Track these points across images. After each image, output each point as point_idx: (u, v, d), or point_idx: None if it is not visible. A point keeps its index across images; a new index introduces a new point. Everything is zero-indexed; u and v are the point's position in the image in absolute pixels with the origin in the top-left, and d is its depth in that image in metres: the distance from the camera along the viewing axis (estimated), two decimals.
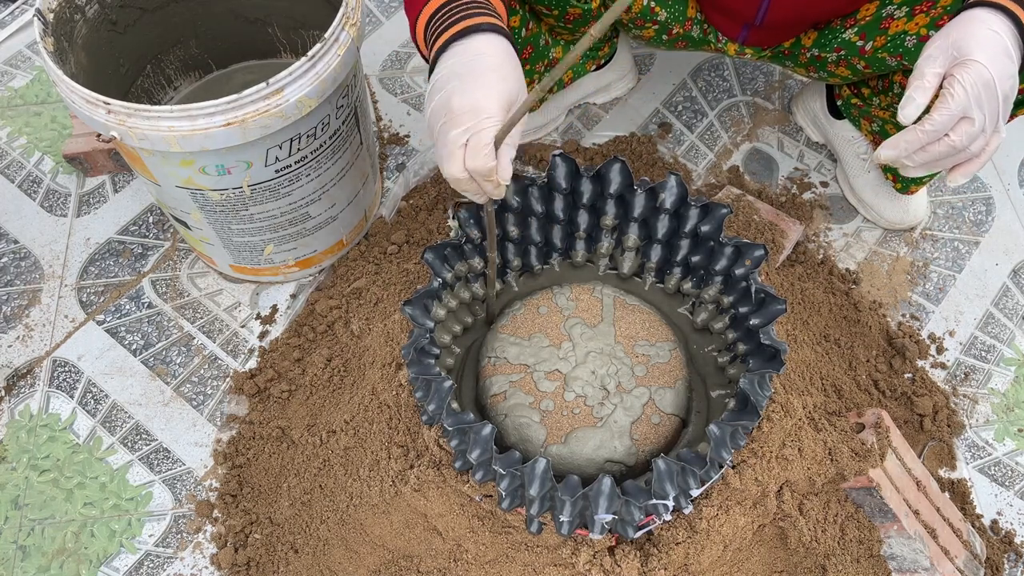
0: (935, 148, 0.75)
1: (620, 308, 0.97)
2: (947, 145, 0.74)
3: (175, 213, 1.10)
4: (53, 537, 1.08)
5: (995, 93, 0.71)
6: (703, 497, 0.90)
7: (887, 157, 0.78)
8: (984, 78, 0.71)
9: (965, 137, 0.73)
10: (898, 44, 1.01)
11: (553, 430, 0.88)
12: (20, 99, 1.48)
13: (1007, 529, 1.09)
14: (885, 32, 1.02)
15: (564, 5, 1.03)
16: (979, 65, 0.71)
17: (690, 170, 1.40)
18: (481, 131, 0.70)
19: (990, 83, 0.71)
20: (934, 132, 0.73)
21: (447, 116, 0.71)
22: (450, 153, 0.71)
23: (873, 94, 1.19)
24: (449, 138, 0.71)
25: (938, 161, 0.76)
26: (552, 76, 0.64)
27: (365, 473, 0.99)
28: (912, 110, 0.74)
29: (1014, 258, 1.32)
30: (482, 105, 0.70)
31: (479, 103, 0.70)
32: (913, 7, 0.98)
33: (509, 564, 0.93)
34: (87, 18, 1.05)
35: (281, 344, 1.21)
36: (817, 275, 1.26)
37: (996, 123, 0.73)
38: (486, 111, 0.70)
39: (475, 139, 0.70)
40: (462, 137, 0.70)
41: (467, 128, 0.70)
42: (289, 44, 1.28)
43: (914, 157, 0.76)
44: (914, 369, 1.19)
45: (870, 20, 1.03)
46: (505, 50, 0.74)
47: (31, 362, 1.22)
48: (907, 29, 0.99)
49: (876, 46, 1.03)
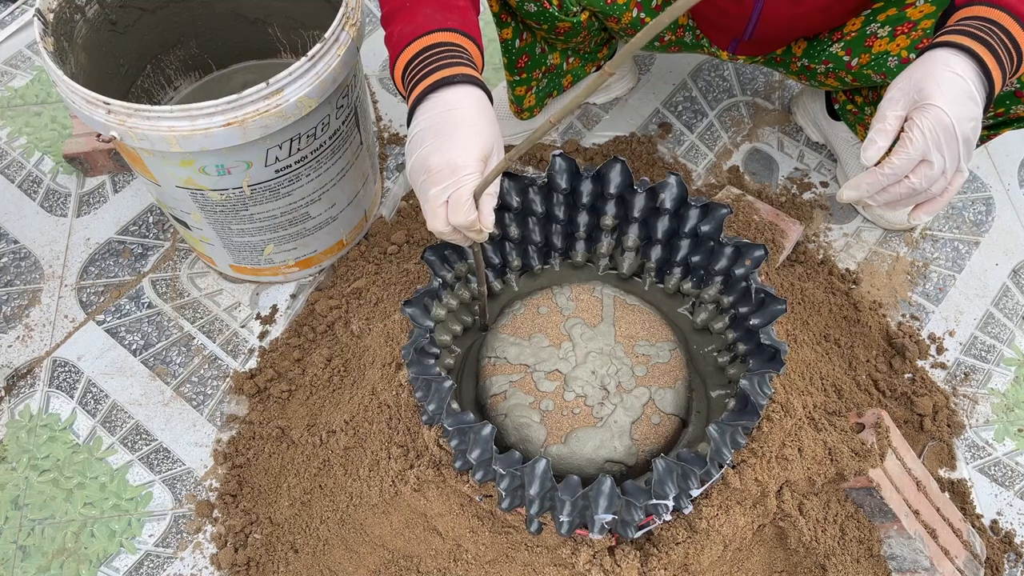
0: (895, 189, 0.76)
1: (620, 308, 0.97)
2: (907, 187, 0.76)
3: (175, 213, 1.10)
4: (53, 537, 1.08)
5: (954, 136, 0.72)
6: (703, 497, 0.90)
7: (849, 197, 0.79)
8: (943, 123, 0.72)
9: (924, 180, 0.75)
10: (881, 63, 1.02)
11: (553, 430, 0.88)
12: (20, 99, 1.48)
13: (1007, 529, 1.09)
14: (869, 50, 1.03)
15: (552, 20, 1.04)
16: (938, 110, 0.72)
17: (690, 170, 1.40)
18: (460, 188, 0.72)
19: (949, 127, 0.72)
20: (893, 175, 0.75)
21: (426, 174, 0.74)
22: (432, 211, 0.74)
23: (866, 103, 1.19)
24: (430, 196, 0.74)
25: (900, 201, 0.78)
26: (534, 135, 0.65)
27: (365, 473, 0.99)
28: (873, 152, 0.75)
29: (1014, 258, 1.32)
30: (459, 162, 0.72)
31: (455, 160, 0.72)
32: (895, 27, 0.99)
33: (509, 564, 0.93)
34: (87, 18, 1.05)
35: (281, 344, 1.21)
36: (817, 275, 1.26)
37: (957, 164, 0.75)
38: (463, 168, 0.72)
39: (455, 196, 0.73)
40: (443, 195, 0.73)
41: (446, 186, 0.73)
42: (289, 44, 1.28)
43: (876, 197, 0.78)
44: (914, 369, 1.19)
45: (855, 36, 1.04)
46: (478, 102, 0.76)
47: (31, 362, 1.22)
48: (889, 50, 1.00)
49: (861, 63, 1.04)
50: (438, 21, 0.79)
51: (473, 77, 0.76)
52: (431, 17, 0.80)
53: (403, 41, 0.79)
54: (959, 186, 0.77)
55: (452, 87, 0.75)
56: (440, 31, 0.78)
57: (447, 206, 0.74)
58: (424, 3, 0.80)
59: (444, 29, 0.79)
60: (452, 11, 0.81)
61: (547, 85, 1.27)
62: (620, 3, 1.04)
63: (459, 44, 0.79)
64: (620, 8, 1.05)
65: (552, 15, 1.03)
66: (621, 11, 1.05)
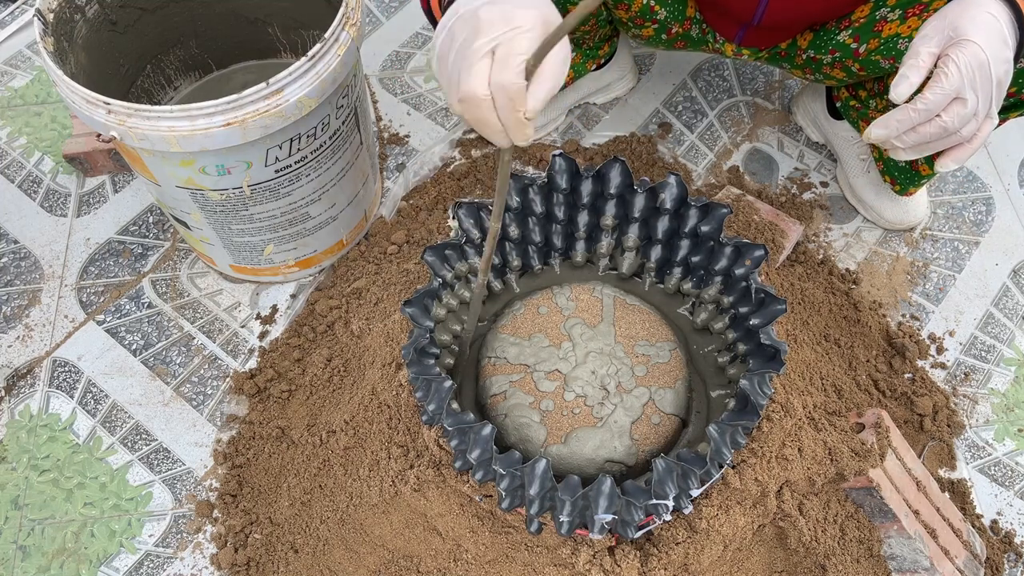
0: (926, 129, 0.73)
1: (620, 308, 0.97)
2: (938, 126, 0.73)
3: (175, 213, 1.10)
4: (53, 537, 1.08)
5: (989, 75, 0.70)
6: (703, 497, 0.90)
7: (877, 136, 0.76)
8: (979, 59, 0.70)
9: (957, 119, 0.72)
10: (891, 47, 1.01)
11: (553, 430, 0.88)
12: (20, 99, 1.48)
13: (1007, 529, 1.09)
14: (878, 35, 1.02)
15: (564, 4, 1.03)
16: (975, 46, 0.69)
17: (690, 170, 1.40)
18: (513, 40, 0.57)
19: (985, 65, 0.70)
20: (926, 111, 0.72)
21: (472, 26, 0.59)
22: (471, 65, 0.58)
23: (870, 96, 1.19)
24: (473, 48, 0.58)
25: (929, 143, 0.75)
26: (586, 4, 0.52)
27: (365, 473, 0.99)
28: (905, 88, 0.72)
29: (1014, 258, 1.32)
30: (516, 15, 0.58)
31: (512, 13, 0.58)
32: (906, 10, 0.98)
33: (509, 564, 0.93)
34: (87, 18, 1.05)
35: (281, 344, 1.21)
36: (817, 275, 1.26)
37: (989, 107, 0.72)
38: (524, 22, 0.58)
39: (504, 49, 0.57)
40: (488, 45, 0.58)
41: (495, 37, 0.58)
42: (289, 44, 1.28)
43: (904, 138, 0.75)
44: (914, 369, 1.19)
45: (864, 22, 1.03)
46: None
47: (31, 362, 1.22)
48: (900, 32, 0.99)
49: (870, 48, 1.03)
50: None
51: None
52: None
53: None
54: (988, 133, 0.74)
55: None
56: None
57: (492, 58, 0.58)
58: None
59: None
60: None
61: None
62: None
63: None
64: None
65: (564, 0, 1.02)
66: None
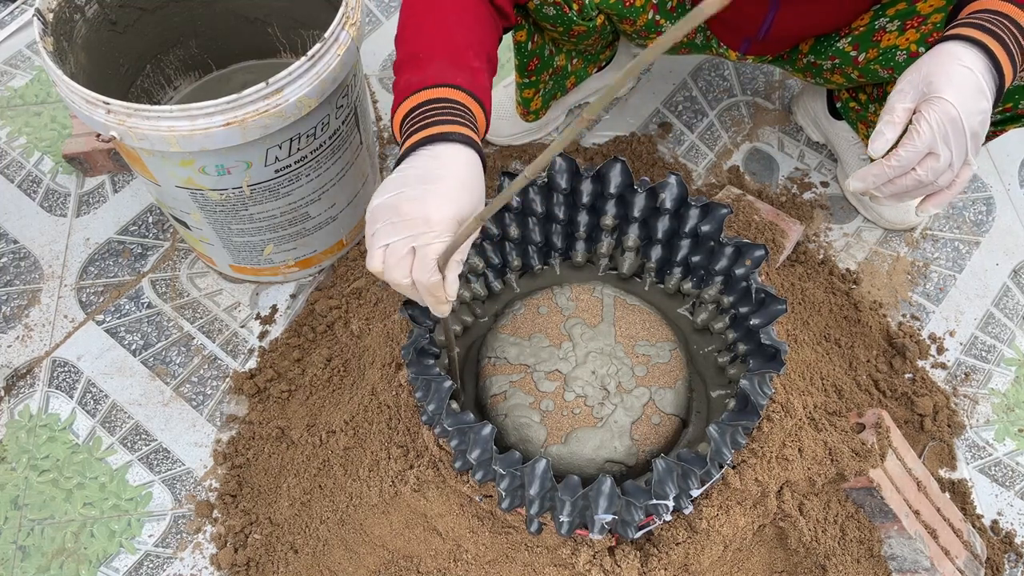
0: (902, 181, 0.76)
1: (620, 308, 0.97)
2: (913, 179, 0.76)
3: (175, 213, 1.10)
4: (53, 537, 1.08)
5: (962, 129, 0.72)
6: (703, 497, 0.90)
7: (855, 188, 0.80)
8: (951, 115, 0.72)
9: (931, 172, 0.75)
10: (889, 58, 1.01)
11: (553, 430, 0.88)
12: (20, 99, 1.48)
13: (1007, 529, 1.09)
14: (877, 45, 1.02)
15: (569, 24, 1.03)
16: (946, 103, 0.72)
17: (690, 170, 1.39)
18: (429, 245, 0.67)
19: (956, 120, 0.72)
20: (900, 167, 0.75)
21: (394, 218, 0.68)
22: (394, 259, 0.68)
23: (870, 101, 1.19)
24: (394, 243, 0.68)
25: (906, 193, 0.78)
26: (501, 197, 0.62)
27: (365, 473, 0.99)
28: (881, 144, 0.75)
29: (1014, 258, 1.32)
30: (433, 217, 0.67)
31: (430, 214, 0.67)
32: (904, 21, 0.98)
33: (509, 564, 0.93)
34: (87, 18, 1.05)
35: (281, 344, 1.21)
36: (817, 275, 1.25)
37: (964, 156, 0.75)
38: (437, 224, 0.67)
39: (422, 252, 0.67)
40: (408, 244, 0.67)
41: (414, 235, 0.67)
42: (289, 44, 1.28)
43: (882, 189, 0.78)
44: (914, 369, 1.19)
45: (863, 31, 1.03)
46: (469, 162, 0.71)
47: (31, 362, 1.21)
48: (898, 44, 1.00)
49: (868, 58, 1.04)
50: (447, 77, 0.77)
51: (470, 138, 0.73)
52: (441, 72, 0.77)
53: (408, 90, 0.77)
54: (967, 179, 0.77)
55: (447, 143, 0.71)
56: (447, 87, 0.76)
57: (412, 257, 0.68)
58: (438, 57, 0.78)
59: (451, 86, 0.76)
60: (464, 70, 0.78)
61: (552, 87, 1.27)
62: (637, 6, 1.04)
63: (463, 103, 0.76)
64: (636, 11, 1.05)
65: (570, 19, 1.02)
66: (637, 14, 1.05)
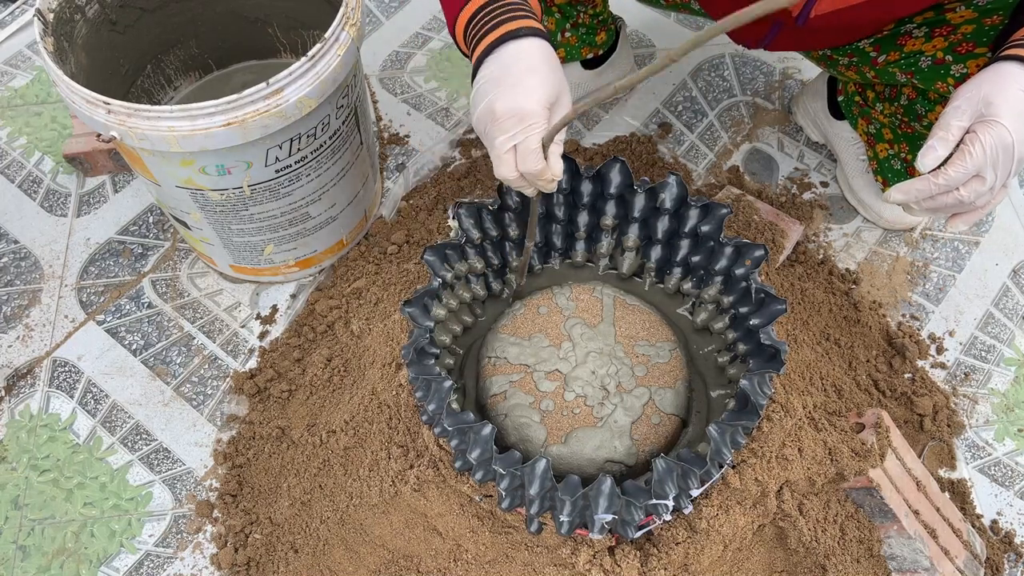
0: (943, 199, 0.77)
1: (620, 308, 0.97)
2: (955, 198, 0.76)
3: (175, 213, 1.10)
4: (53, 537, 1.08)
5: (1012, 156, 0.73)
6: (703, 497, 0.90)
7: (896, 200, 0.80)
8: (1005, 142, 0.72)
9: (974, 194, 0.75)
10: (912, 62, 1.00)
11: (553, 430, 0.88)
12: (20, 99, 1.48)
13: (1007, 529, 1.09)
14: (900, 48, 1.01)
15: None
16: (1003, 128, 0.72)
17: (690, 170, 1.40)
18: (528, 137, 0.72)
19: (1009, 147, 0.72)
20: (946, 187, 0.75)
21: (492, 122, 0.73)
22: (500, 158, 0.74)
23: (878, 99, 1.18)
24: (496, 144, 0.74)
25: (943, 209, 0.78)
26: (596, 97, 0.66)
27: (365, 473, 0.99)
28: (931, 160, 0.75)
29: (1014, 258, 1.32)
30: (526, 109, 0.72)
31: (522, 107, 0.72)
32: (932, 29, 0.96)
33: (509, 564, 0.93)
34: (87, 18, 1.05)
35: (281, 344, 1.21)
36: (817, 275, 1.26)
37: (1006, 181, 0.75)
38: (531, 115, 0.72)
39: (523, 145, 0.73)
40: (509, 143, 0.73)
41: (513, 134, 0.73)
42: (289, 44, 1.28)
43: (922, 204, 0.78)
44: (914, 369, 1.19)
45: (887, 34, 1.01)
46: (543, 53, 0.75)
47: (31, 362, 1.22)
48: (923, 50, 0.98)
49: (889, 60, 1.03)
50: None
51: (537, 29, 0.76)
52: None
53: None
54: (1001, 200, 0.78)
55: (518, 40, 0.75)
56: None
57: (515, 153, 0.74)
58: None
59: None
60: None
61: None
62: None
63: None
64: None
65: None
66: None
